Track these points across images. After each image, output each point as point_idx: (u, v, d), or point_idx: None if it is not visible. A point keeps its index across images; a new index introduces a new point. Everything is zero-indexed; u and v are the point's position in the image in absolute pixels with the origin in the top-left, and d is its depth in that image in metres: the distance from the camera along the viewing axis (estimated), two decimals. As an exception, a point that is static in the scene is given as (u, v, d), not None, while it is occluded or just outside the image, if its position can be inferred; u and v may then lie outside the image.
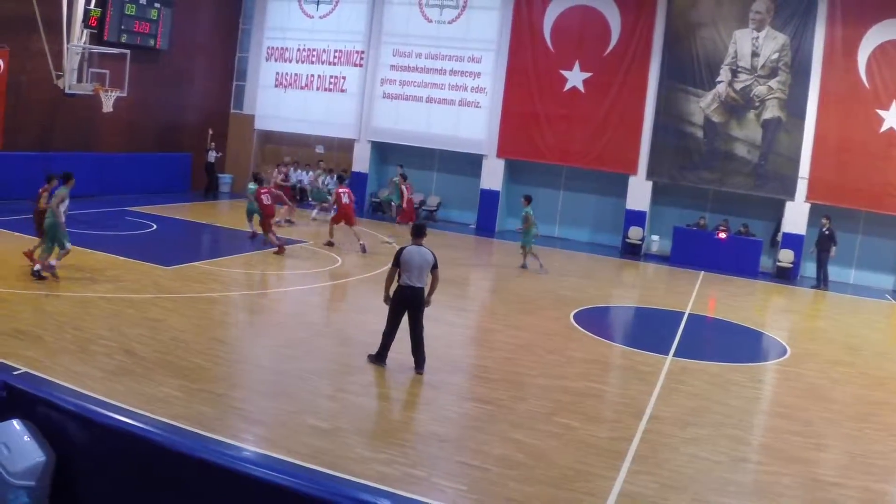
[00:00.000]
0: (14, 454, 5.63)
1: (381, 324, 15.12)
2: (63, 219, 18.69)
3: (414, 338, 15.00)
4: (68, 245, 18.86)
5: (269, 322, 18.63)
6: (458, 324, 19.96)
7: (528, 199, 28.03)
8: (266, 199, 25.21)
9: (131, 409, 11.50)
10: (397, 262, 14.97)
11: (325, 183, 36.44)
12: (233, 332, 17.47)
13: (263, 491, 5.17)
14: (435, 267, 15.14)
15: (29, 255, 19.12)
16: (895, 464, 13.42)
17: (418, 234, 15.32)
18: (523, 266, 27.56)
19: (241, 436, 11.50)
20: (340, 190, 27.52)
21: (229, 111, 41.86)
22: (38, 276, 18.42)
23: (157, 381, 13.03)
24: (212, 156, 38.19)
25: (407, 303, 14.95)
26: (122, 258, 21.87)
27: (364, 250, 26.26)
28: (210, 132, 38.38)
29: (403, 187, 32.89)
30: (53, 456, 5.76)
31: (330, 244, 26.72)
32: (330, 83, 39.51)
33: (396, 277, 15.04)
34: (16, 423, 5.80)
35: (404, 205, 32.68)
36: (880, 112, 31.17)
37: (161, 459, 5.50)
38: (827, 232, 30.03)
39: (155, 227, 28.00)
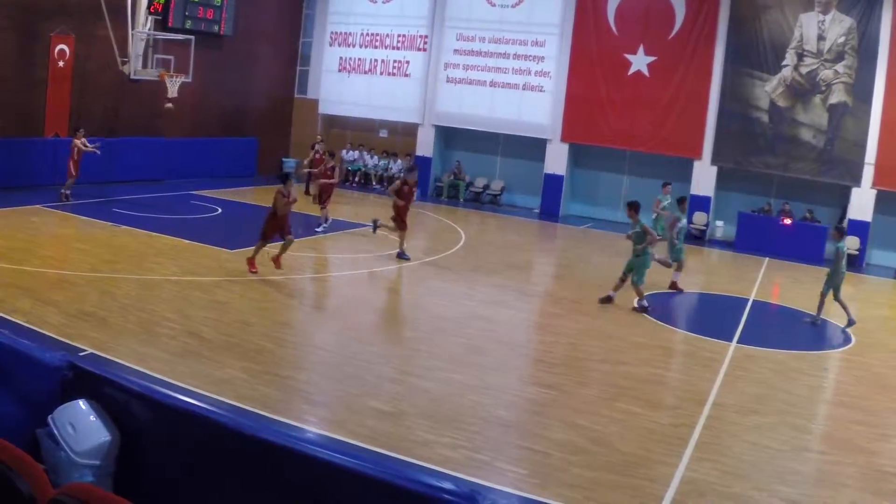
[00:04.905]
0: (80, 433, 5.73)
1: (445, 306, 15.16)
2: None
3: None
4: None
5: (333, 305, 18.82)
6: (521, 308, 20.03)
7: (840, 231, 21.60)
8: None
9: (195, 390, 11.71)
10: None
11: (388, 167, 36.62)
12: (297, 315, 17.66)
13: (325, 472, 5.19)
14: None
15: (276, 260, 19.48)
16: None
17: None
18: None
19: (305, 417, 11.68)
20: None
21: (293, 96, 42.13)
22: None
23: (222, 362, 13.24)
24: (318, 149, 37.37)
25: None
26: (187, 241, 22.18)
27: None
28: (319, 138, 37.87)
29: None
30: (118, 436, 5.84)
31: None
32: (393, 68, 39.58)
33: None
34: (81, 403, 5.89)
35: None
36: (948, 97, 30.70)
37: (224, 440, 5.56)
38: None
39: (220, 210, 28.32)
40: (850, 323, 19.58)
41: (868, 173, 31.73)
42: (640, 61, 34.95)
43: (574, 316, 19.17)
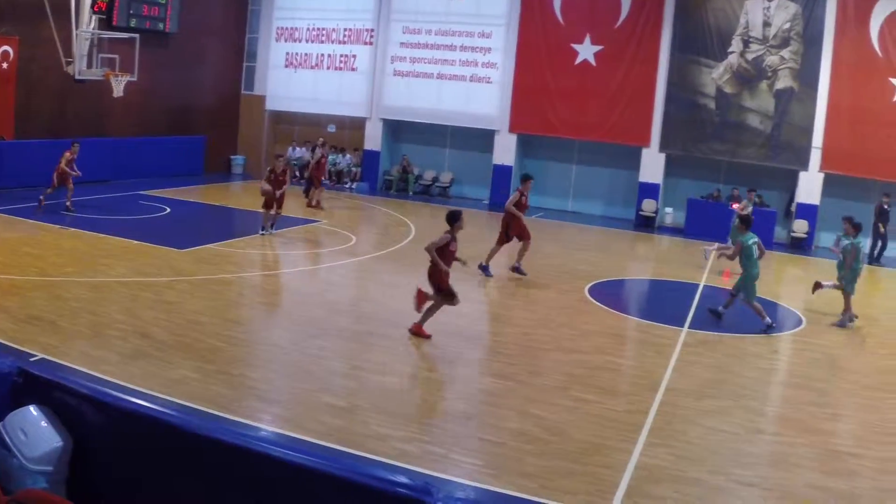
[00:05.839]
0: (31, 440, 5.63)
1: (397, 300, 15.07)
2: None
3: None
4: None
5: (285, 302, 18.68)
6: (473, 299, 19.93)
7: (856, 226, 20.17)
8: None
9: (148, 391, 11.54)
10: None
11: (336, 162, 36.50)
12: (248, 313, 17.49)
13: (281, 470, 5.16)
14: None
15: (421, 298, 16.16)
16: (913, 432, 13.44)
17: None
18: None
19: (258, 416, 11.54)
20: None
21: (240, 93, 41.79)
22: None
23: (174, 363, 13.08)
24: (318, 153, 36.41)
25: None
26: (136, 242, 21.91)
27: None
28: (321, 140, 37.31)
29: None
30: (70, 441, 5.76)
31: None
32: (340, 62, 39.43)
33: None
34: (32, 409, 5.80)
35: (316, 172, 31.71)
36: (893, 81, 31.02)
37: (178, 441, 5.49)
38: (887, 208, 29.71)
39: (168, 210, 28.04)
40: (845, 321, 19.49)
41: (815, 157, 32.12)
42: (586, 51, 35.03)
43: (527, 306, 19.17)
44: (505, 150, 36.73)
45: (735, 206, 31.20)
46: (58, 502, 4.82)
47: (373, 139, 39.16)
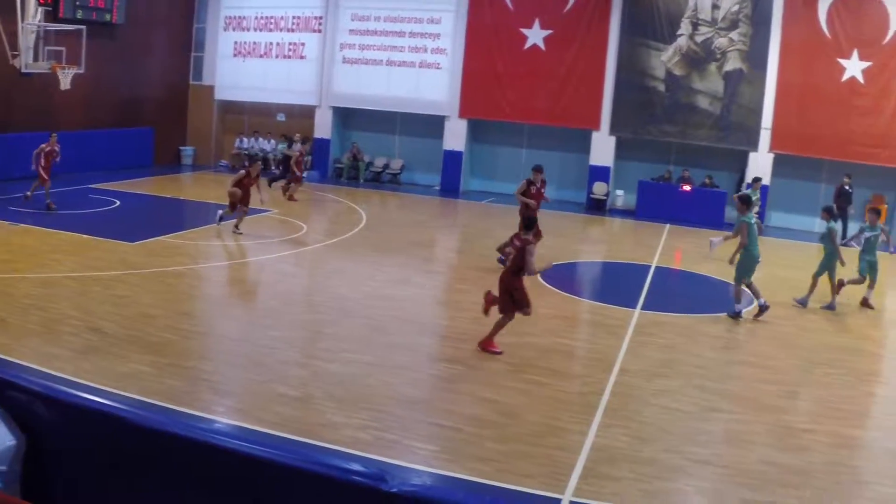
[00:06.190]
0: (-17, 440, 5.55)
1: (349, 288, 14.99)
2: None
3: None
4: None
5: (237, 293, 18.54)
6: (425, 285, 19.95)
7: (830, 213, 20.23)
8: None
9: (101, 387, 11.36)
10: None
11: (281, 149, 36.31)
12: (200, 305, 17.34)
13: (236, 462, 5.15)
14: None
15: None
16: (863, 408, 13.62)
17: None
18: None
19: (212, 408, 11.40)
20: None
21: (189, 83, 41.34)
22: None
23: (126, 357, 12.89)
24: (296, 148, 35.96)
25: None
26: (86, 236, 21.61)
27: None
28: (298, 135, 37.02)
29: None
30: (24, 439, 5.67)
31: None
32: (289, 50, 39.12)
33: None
34: (-17, 409, 5.72)
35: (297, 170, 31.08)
36: (841, 61, 31.31)
37: (132, 436, 5.45)
38: (849, 189, 29.81)
39: (118, 203, 27.71)
40: (802, 302, 19.44)
41: (765, 138, 32.36)
42: (535, 35, 34.99)
43: (478, 290, 18.99)
44: (455, 136, 36.66)
45: (685, 187, 31.44)
46: (12, 503, 4.73)
47: (322, 127, 38.91)
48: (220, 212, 23.66)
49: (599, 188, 34.25)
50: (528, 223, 14.85)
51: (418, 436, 10.80)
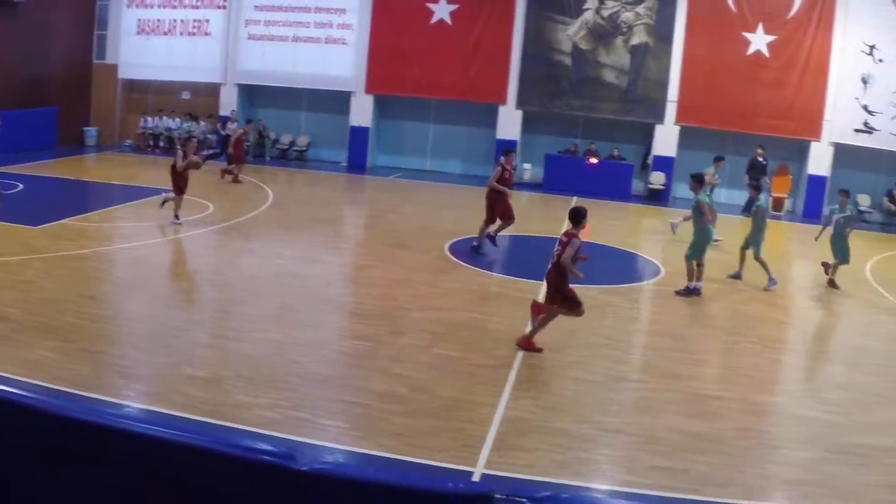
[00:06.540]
0: None
1: (257, 267, 14.79)
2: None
3: None
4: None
5: (143, 275, 18.12)
6: (333, 262, 19.83)
7: (758, 189, 21.65)
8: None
9: (6, 375, 11.02)
10: None
11: (191, 130, 35.81)
12: (106, 288, 16.95)
13: (146, 446, 5.01)
14: None
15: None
16: (771, 375, 13.84)
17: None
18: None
19: (122, 392, 11.13)
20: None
21: (92, 62, 40.42)
22: None
23: (32, 344, 12.52)
24: (235, 127, 34.01)
25: None
26: (-11, 221, 21.11)
27: None
28: (233, 110, 36.61)
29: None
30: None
31: None
32: (193, 27, 38.39)
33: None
34: None
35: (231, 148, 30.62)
36: (746, 35, 31.81)
37: (39, 424, 5.25)
38: (763, 161, 30.07)
39: (21, 186, 27.03)
40: (772, 282, 19.17)
41: (671, 111, 32.79)
42: (442, 10, 34.91)
43: (386, 266, 19.01)
44: (361, 112, 36.44)
45: (591, 160, 31.63)
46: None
47: (228, 105, 38.21)
48: (165, 195, 22.87)
49: (507, 162, 34.34)
50: (577, 216, 14.07)
51: (328, 413, 10.71)
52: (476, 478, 9.12)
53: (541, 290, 17.02)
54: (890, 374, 14.19)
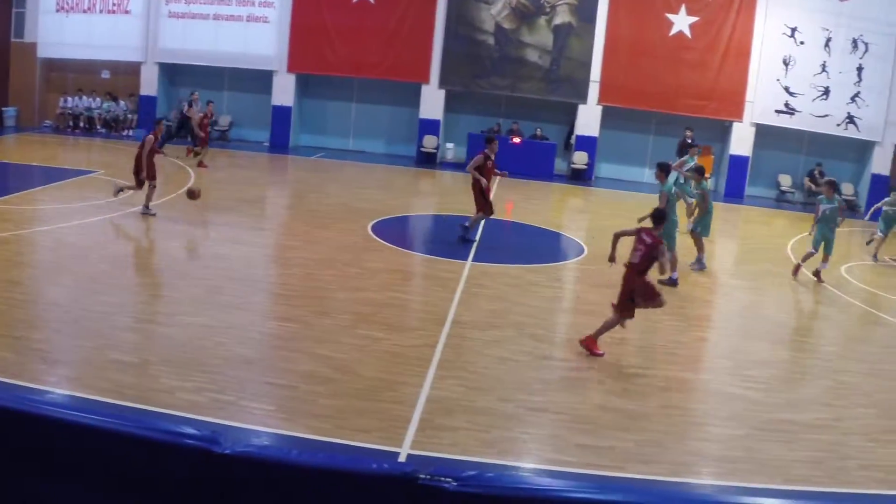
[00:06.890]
0: None
1: (180, 249, 14.63)
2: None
3: None
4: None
5: (65, 258, 17.81)
6: (257, 243, 19.67)
7: (702, 173, 21.02)
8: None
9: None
10: None
11: (111, 110, 35.30)
12: (28, 272, 16.62)
13: (71, 432, 5.00)
14: None
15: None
16: (695, 352, 14.08)
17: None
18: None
19: (45, 378, 10.94)
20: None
21: (10, 40, 39.58)
22: None
23: (-50, 331, 12.36)
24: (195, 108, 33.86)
25: None
26: None
27: None
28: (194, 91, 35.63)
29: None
30: None
31: None
32: (113, 5, 37.56)
33: None
34: None
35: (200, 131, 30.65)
36: (669, 16, 32.17)
37: None
38: (690, 142, 30.20)
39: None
40: (700, 264, 19.35)
41: (594, 91, 33.04)
42: (365, -12, 34.73)
43: (310, 247, 18.93)
44: (283, 91, 36.12)
45: (515, 140, 31.73)
46: None
47: (149, 84, 37.65)
48: (120, 183, 22.23)
49: (429, 141, 34.32)
50: (658, 217, 13.57)
51: (254, 395, 10.66)
52: (402, 458, 9.13)
53: (465, 270, 17.13)
54: (814, 351, 14.47)
